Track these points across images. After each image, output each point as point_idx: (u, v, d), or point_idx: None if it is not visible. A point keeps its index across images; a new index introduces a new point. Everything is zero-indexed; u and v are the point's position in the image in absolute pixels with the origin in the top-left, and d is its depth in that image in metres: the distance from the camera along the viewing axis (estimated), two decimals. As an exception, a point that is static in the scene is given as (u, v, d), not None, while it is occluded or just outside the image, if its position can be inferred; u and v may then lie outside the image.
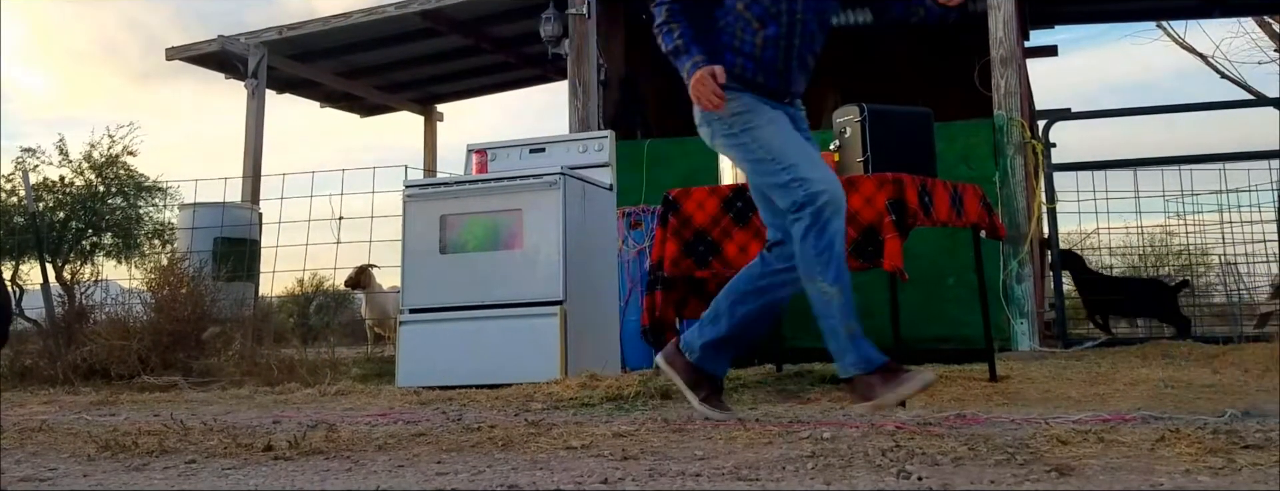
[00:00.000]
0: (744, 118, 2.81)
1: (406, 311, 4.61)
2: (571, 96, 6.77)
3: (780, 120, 2.85)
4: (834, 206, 2.68)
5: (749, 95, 2.84)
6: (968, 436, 2.23)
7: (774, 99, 2.89)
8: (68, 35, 42.08)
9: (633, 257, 5.14)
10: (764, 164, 2.78)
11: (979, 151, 5.69)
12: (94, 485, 2.01)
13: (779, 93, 2.90)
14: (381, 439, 2.51)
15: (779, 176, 2.73)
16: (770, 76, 2.87)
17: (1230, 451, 1.92)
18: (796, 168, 2.71)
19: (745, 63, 2.85)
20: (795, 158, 2.74)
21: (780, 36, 2.85)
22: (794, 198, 2.69)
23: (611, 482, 1.81)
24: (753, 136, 2.80)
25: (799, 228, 2.70)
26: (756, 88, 2.85)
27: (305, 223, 6.29)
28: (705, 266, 3.54)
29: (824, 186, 2.68)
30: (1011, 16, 5.83)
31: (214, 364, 5.02)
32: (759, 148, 2.79)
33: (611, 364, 4.57)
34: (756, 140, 2.79)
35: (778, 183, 2.74)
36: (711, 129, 2.89)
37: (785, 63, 2.88)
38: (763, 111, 2.83)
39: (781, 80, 2.89)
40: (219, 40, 7.76)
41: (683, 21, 2.88)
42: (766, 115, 2.82)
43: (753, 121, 2.81)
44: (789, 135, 2.82)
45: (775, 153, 2.76)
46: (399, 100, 9.79)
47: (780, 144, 2.77)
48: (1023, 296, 5.51)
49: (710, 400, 2.89)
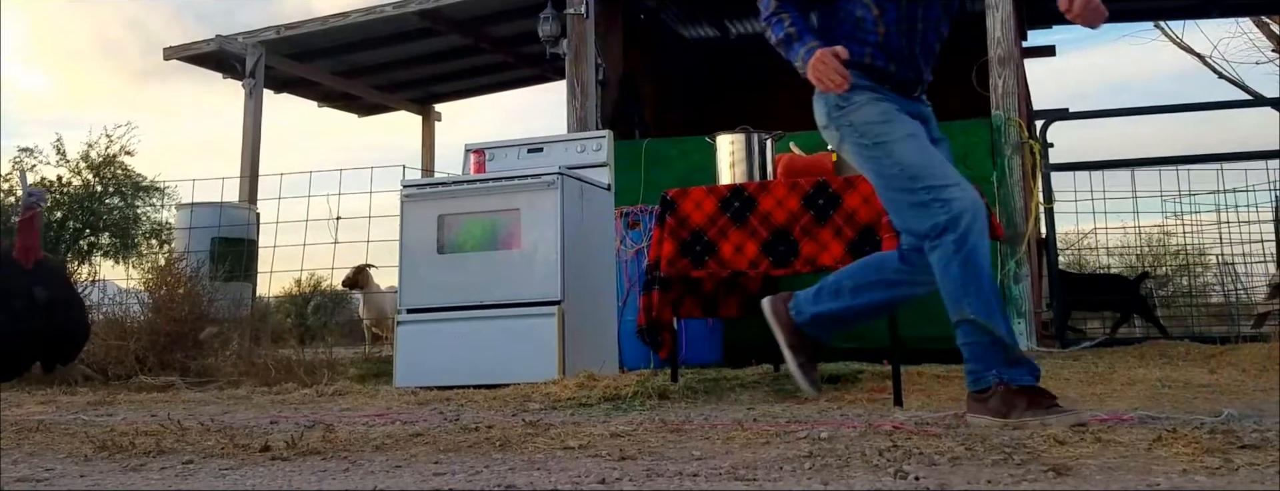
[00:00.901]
0: (879, 129, 2.64)
1: (404, 311, 4.61)
2: (569, 96, 6.77)
3: (917, 132, 2.66)
4: (979, 228, 2.52)
5: (886, 99, 2.67)
6: (965, 436, 2.23)
7: (906, 92, 2.74)
8: (66, 35, 42.04)
9: (631, 257, 5.14)
10: (898, 180, 2.60)
11: (977, 151, 5.69)
12: (91, 485, 2.01)
13: (911, 83, 2.74)
14: (379, 439, 2.51)
15: (917, 196, 2.56)
16: (901, 65, 2.70)
17: (1227, 451, 1.92)
18: (936, 188, 2.54)
19: (874, 53, 2.67)
20: (935, 176, 2.56)
21: (902, 18, 2.68)
22: (935, 221, 2.53)
23: (609, 482, 1.81)
24: (887, 151, 2.62)
25: (939, 255, 2.54)
26: (888, 78, 2.69)
27: (303, 222, 6.30)
28: (701, 266, 3.54)
29: (966, 205, 2.52)
30: (1009, 16, 5.83)
31: (211, 364, 5.02)
32: (893, 164, 2.61)
33: (609, 364, 4.57)
34: (891, 155, 2.61)
35: (914, 202, 2.57)
36: (840, 135, 2.72)
37: (911, 49, 2.71)
38: (899, 122, 2.65)
39: (912, 68, 2.72)
40: (217, 40, 7.75)
41: (793, 11, 2.69)
42: (903, 127, 2.64)
43: (888, 134, 2.62)
44: (926, 150, 2.63)
45: (913, 170, 2.57)
46: (397, 100, 9.79)
47: (918, 160, 2.59)
48: (1020, 296, 5.52)
49: (806, 367, 2.79)
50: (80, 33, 40.97)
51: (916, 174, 2.57)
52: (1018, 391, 2.52)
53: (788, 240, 3.36)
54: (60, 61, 40.50)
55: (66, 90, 41.23)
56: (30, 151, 8.89)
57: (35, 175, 8.69)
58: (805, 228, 3.34)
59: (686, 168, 5.81)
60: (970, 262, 2.51)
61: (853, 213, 3.27)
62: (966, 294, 2.53)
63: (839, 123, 2.71)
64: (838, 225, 3.28)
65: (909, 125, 2.66)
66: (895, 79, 2.70)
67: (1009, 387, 2.52)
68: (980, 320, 2.53)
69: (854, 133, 2.68)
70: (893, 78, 2.70)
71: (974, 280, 2.52)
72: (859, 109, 2.65)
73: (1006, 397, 2.51)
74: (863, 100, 2.66)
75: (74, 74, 41.34)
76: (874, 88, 2.69)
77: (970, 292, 2.52)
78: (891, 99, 2.70)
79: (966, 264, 2.51)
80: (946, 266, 2.54)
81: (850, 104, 2.68)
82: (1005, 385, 2.52)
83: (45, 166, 8.85)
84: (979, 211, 2.53)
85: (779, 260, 3.37)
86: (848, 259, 3.25)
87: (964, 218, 2.50)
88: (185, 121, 42.09)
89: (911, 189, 2.58)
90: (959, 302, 2.55)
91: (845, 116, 2.67)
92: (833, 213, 3.30)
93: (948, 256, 2.53)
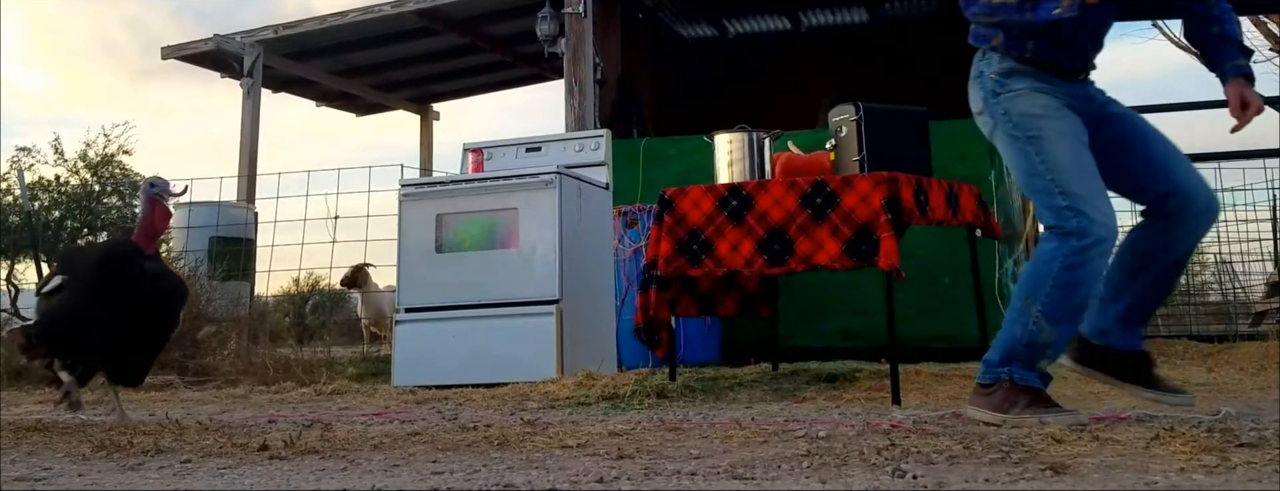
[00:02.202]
0: (1034, 123, 2.55)
1: (402, 310, 4.61)
2: (567, 95, 6.77)
3: (1073, 133, 2.55)
4: (1103, 249, 2.44)
5: (1046, 90, 2.58)
6: (963, 435, 2.23)
7: (1070, 77, 2.62)
8: (64, 34, 41.98)
9: (629, 256, 5.14)
10: (1040, 179, 2.52)
11: (975, 150, 5.69)
12: (89, 484, 2.01)
13: (1076, 71, 2.64)
14: (377, 438, 2.51)
15: (1055, 200, 2.48)
16: (1068, 54, 2.61)
17: (1225, 449, 1.92)
18: (1076, 197, 2.45)
19: (1038, 41, 2.57)
20: (1077, 186, 2.47)
21: None
22: (1064, 225, 2.46)
23: (607, 481, 1.81)
24: (1037, 147, 2.53)
25: (1052, 249, 2.47)
26: (1052, 66, 2.59)
27: (301, 222, 6.29)
28: (698, 265, 3.54)
29: (1101, 228, 2.43)
30: (1007, 15, 5.83)
31: (210, 363, 5.02)
32: (1040, 162, 2.52)
33: (608, 363, 4.57)
34: (1041, 152, 2.53)
35: (1052, 204, 2.49)
36: (993, 122, 2.63)
37: (1079, 35, 2.61)
38: (1056, 118, 2.56)
39: (1078, 57, 2.63)
40: (215, 39, 7.75)
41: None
42: (1059, 124, 2.55)
43: (1042, 129, 2.54)
44: (1077, 153, 2.53)
45: (1057, 173, 2.49)
46: (395, 99, 9.79)
47: (1065, 164, 2.50)
48: (1018, 295, 5.52)
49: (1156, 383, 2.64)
50: (78, 32, 40.92)
51: (1060, 178, 2.49)
52: (1022, 390, 2.51)
53: (783, 239, 3.36)
54: (57, 60, 40.45)
55: (64, 89, 41.18)
56: (28, 151, 8.86)
57: (33, 174, 8.67)
58: (801, 226, 3.34)
59: (684, 167, 5.81)
60: (1074, 274, 2.44)
61: (850, 212, 3.27)
62: (1050, 296, 2.47)
63: (994, 110, 2.62)
64: (835, 224, 3.28)
65: (1066, 122, 2.57)
66: (1060, 67, 2.60)
67: (1015, 385, 2.51)
68: (1040, 322, 2.48)
69: (1008, 122, 2.59)
70: (1057, 66, 2.60)
71: (1067, 290, 2.46)
72: (1016, 98, 2.58)
73: (1010, 394, 2.51)
74: (1022, 89, 2.58)
75: (72, 73, 41.31)
76: (1035, 74, 2.60)
77: (1055, 298, 2.46)
78: (1052, 86, 2.60)
79: (1070, 270, 2.44)
80: (1050, 260, 2.47)
81: (1008, 91, 2.61)
82: (1011, 382, 2.51)
83: (43, 166, 8.82)
84: (1110, 236, 2.46)
85: (774, 259, 3.37)
86: (844, 258, 3.25)
87: (1092, 232, 2.43)
88: (183, 121, 42.05)
89: (1050, 192, 2.50)
90: (1036, 296, 2.48)
91: (1001, 104, 2.60)
92: (830, 212, 3.30)
93: (1058, 255, 2.46)
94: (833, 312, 5.61)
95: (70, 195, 8.50)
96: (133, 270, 3.03)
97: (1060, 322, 2.49)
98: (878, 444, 2.11)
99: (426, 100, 10.06)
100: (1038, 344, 2.50)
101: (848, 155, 3.52)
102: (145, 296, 3.05)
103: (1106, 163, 2.58)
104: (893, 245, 3.15)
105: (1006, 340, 2.55)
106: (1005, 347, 2.55)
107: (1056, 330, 2.49)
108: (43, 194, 8.44)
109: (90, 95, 42.48)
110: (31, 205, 7.73)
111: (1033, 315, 2.49)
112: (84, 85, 42.14)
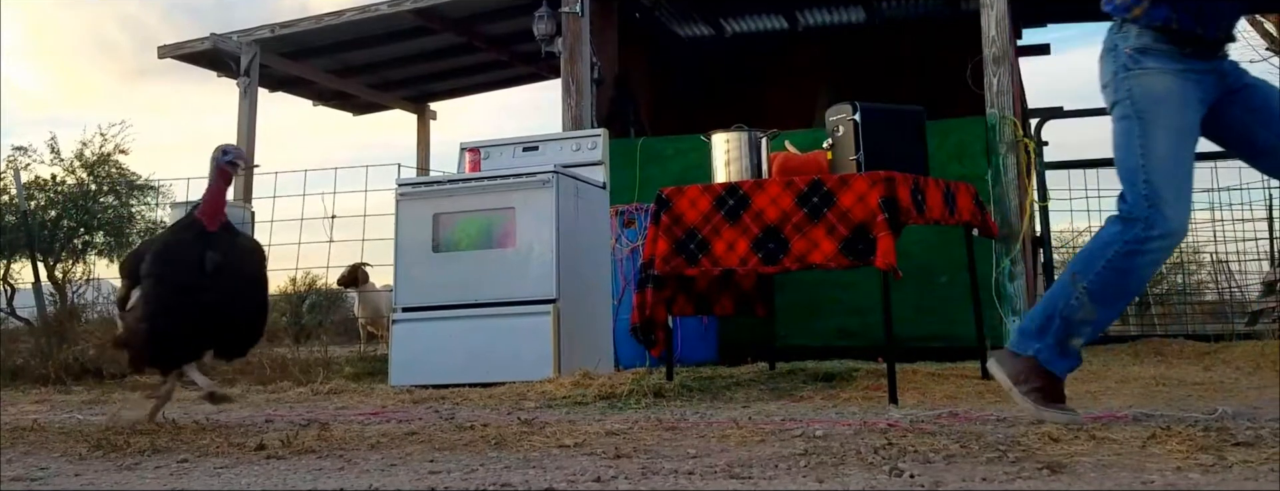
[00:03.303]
0: (1152, 106, 2.48)
1: (399, 310, 4.61)
2: (565, 94, 6.76)
3: (1185, 129, 2.50)
4: (1164, 246, 2.43)
5: (1180, 73, 2.49)
6: (960, 434, 2.23)
7: (1210, 54, 2.53)
8: (61, 33, 41.95)
9: (626, 256, 5.14)
10: (1132, 160, 2.48)
11: (971, 149, 5.70)
12: (85, 484, 2.01)
13: (1218, 44, 2.54)
14: (374, 437, 2.51)
15: (1136, 185, 2.45)
16: (1210, 25, 2.50)
17: (1221, 448, 1.92)
18: (1157, 191, 2.43)
19: (1181, 16, 2.48)
20: (1163, 182, 2.44)
21: None
22: (1137, 212, 2.44)
23: (604, 481, 1.81)
24: (1144, 130, 2.48)
25: (1115, 231, 2.46)
26: (1193, 41, 2.49)
27: (298, 221, 6.29)
28: (695, 264, 3.54)
29: (1171, 225, 2.41)
30: (1004, 15, 5.83)
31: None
32: (1140, 146, 2.47)
33: (605, 362, 4.57)
34: (1144, 136, 2.47)
35: (1130, 188, 2.47)
36: (1115, 97, 2.56)
37: (1224, 6, 2.52)
38: (1177, 109, 2.49)
39: (1221, 27, 2.53)
40: (211, 38, 7.73)
41: None
42: (1174, 116, 2.49)
43: (1156, 116, 2.48)
44: (1178, 153, 2.48)
45: (1150, 162, 2.45)
46: (392, 98, 9.78)
47: (1162, 157, 2.45)
48: (1015, 294, 5.52)
49: None
50: (75, 31, 40.84)
51: (1151, 168, 2.45)
52: (1043, 372, 2.51)
53: (778, 238, 3.36)
54: (54, 59, 40.39)
55: (61, 88, 41.12)
56: (24, 150, 8.86)
57: (29, 174, 8.67)
58: (797, 225, 3.34)
59: (682, 166, 5.81)
60: (1129, 261, 2.44)
61: (847, 211, 3.27)
62: (1100, 275, 2.46)
63: (1119, 85, 2.54)
64: (831, 223, 3.28)
65: (1183, 116, 2.51)
66: (1202, 41, 2.51)
67: (1039, 365, 2.51)
68: (1083, 298, 2.47)
69: (1129, 99, 2.52)
70: (1198, 40, 2.50)
71: (1117, 274, 2.46)
72: (1146, 76, 2.51)
73: (1029, 370, 2.51)
74: (1154, 68, 2.51)
75: (68, 72, 41.24)
76: (1173, 54, 2.51)
77: (1104, 278, 2.46)
78: (1185, 67, 2.51)
79: (1127, 257, 2.44)
80: (1110, 242, 2.47)
81: (1140, 68, 2.52)
82: (1037, 361, 2.52)
83: (39, 165, 8.82)
84: (1175, 236, 2.45)
85: (768, 257, 3.37)
86: (840, 257, 3.25)
87: (1159, 228, 2.41)
88: (180, 120, 42.04)
89: (1135, 177, 2.47)
90: (1086, 272, 2.48)
91: (1128, 81, 2.53)
92: (826, 211, 3.30)
93: (1119, 240, 2.45)
94: (830, 312, 5.62)
95: (66, 194, 8.51)
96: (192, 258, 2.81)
97: (1102, 304, 2.49)
98: (875, 443, 2.12)
99: (423, 99, 10.04)
100: (1075, 320, 2.50)
101: (845, 154, 3.52)
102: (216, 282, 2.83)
103: (1240, 135, 2.55)
104: (890, 244, 3.15)
105: (1046, 309, 2.54)
106: (1043, 316, 2.54)
107: (1097, 310, 2.49)
108: (39, 193, 8.45)
109: (86, 94, 42.45)
110: (27, 204, 7.73)
111: (1078, 290, 2.49)
112: (80, 84, 42.13)
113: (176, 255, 2.88)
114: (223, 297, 2.89)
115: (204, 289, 2.85)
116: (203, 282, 2.84)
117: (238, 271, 2.95)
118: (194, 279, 2.84)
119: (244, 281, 2.99)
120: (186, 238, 2.88)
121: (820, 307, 5.61)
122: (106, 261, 9.03)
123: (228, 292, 2.91)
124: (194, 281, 2.84)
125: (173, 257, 2.88)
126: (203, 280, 2.84)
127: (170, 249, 2.92)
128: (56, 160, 8.84)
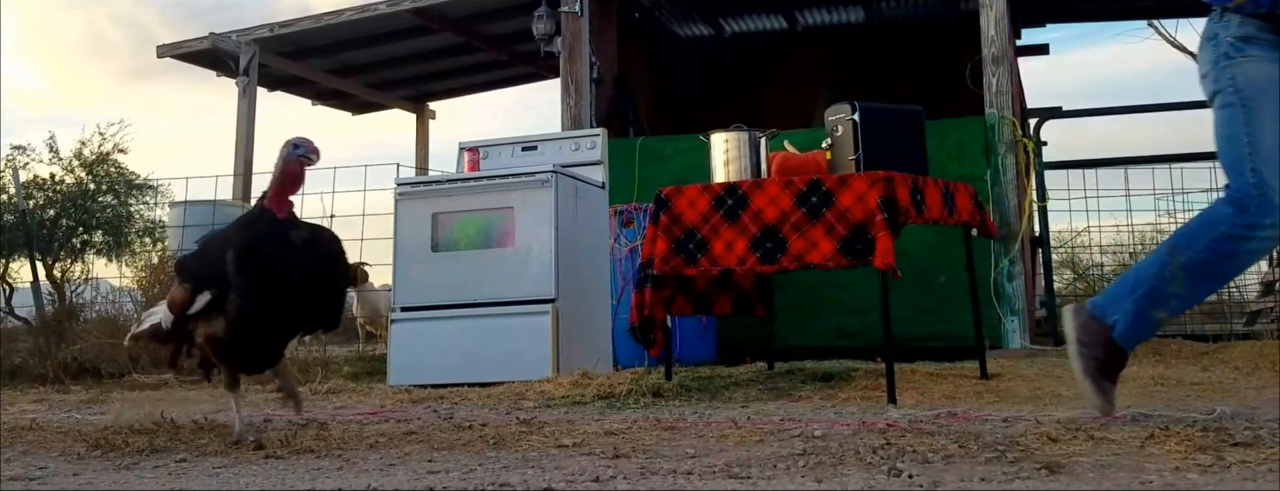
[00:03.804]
0: (1257, 94, 2.43)
1: (398, 309, 4.61)
2: (564, 94, 6.76)
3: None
4: (1265, 236, 2.39)
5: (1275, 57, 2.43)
6: (958, 434, 2.23)
7: None
8: (59, 32, 41.94)
9: (625, 255, 5.14)
10: (1238, 149, 2.42)
11: (970, 149, 5.70)
12: (84, 484, 2.01)
13: None
14: (373, 437, 2.51)
15: (1243, 175, 2.41)
16: None
17: (1220, 448, 1.93)
18: (1264, 179, 2.38)
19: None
20: (1270, 171, 2.38)
21: None
22: (1243, 198, 2.40)
23: (603, 481, 1.81)
24: (1249, 118, 2.43)
25: (1217, 215, 2.43)
26: None
27: (297, 220, 6.26)
28: (693, 264, 3.54)
29: (1275, 215, 2.36)
30: (1003, 15, 5.84)
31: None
32: (1245, 134, 2.42)
33: (603, 362, 4.57)
34: (1249, 124, 2.42)
35: (1238, 174, 2.42)
36: (1216, 87, 2.51)
37: None
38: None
39: None
40: (210, 38, 7.73)
41: None
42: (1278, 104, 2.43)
43: (1262, 104, 2.42)
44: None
45: (1257, 151, 2.40)
46: (391, 98, 9.78)
47: (1270, 146, 2.40)
48: (1014, 294, 5.53)
49: None
50: (73, 30, 40.84)
51: (1259, 157, 2.41)
52: (1110, 344, 2.52)
53: (776, 237, 3.36)
54: (53, 59, 40.39)
55: (60, 87, 41.12)
56: (23, 149, 8.85)
57: (28, 173, 8.65)
58: (796, 225, 3.34)
59: (681, 166, 5.82)
60: (1233, 245, 2.41)
61: (846, 211, 3.27)
62: (1201, 252, 2.43)
63: (1221, 74, 2.49)
64: (830, 223, 3.28)
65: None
66: None
67: (1110, 336, 2.52)
68: (1178, 272, 2.45)
69: (1232, 88, 2.47)
70: None
71: (1218, 256, 2.43)
72: (1247, 64, 2.46)
73: (1100, 337, 2.52)
74: (1257, 55, 2.46)
75: (67, 71, 41.23)
76: (1277, 43, 2.45)
77: (1204, 256, 2.43)
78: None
79: (1232, 240, 2.41)
80: (1218, 222, 2.43)
81: (1242, 56, 2.47)
82: (1110, 332, 2.52)
83: (38, 164, 8.81)
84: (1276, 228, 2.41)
85: (766, 257, 3.37)
86: (839, 257, 3.25)
87: (1270, 217, 2.37)
88: (179, 119, 42.01)
89: (1242, 167, 2.42)
90: (1187, 247, 2.45)
91: (1229, 69, 2.49)
92: (825, 210, 3.30)
93: (1228, 221, 2.42)
94: (829, 312, 5.62)
95: (65, 193, 8.49)
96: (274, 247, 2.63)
97: (1194, 281, 2.46)
98: (873, 443, 2.12)
99: (422, 99, 10.04)
100: (1164, 293, 2.48)
101: (844, 154, 3.52)
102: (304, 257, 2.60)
103: None
104: (889, 244, 3.15)
105: (1136, 276, 2.52)
106: (1132, 281, 2.53)
107: (1187, 286, 2.46)
108: (37, 192, 8.43)
109: (85, 93, 42.43)
110: (26, 203, 7.72)
111: (1175, 264, 2.46)
112: (79, 83, 42.10)
113: (260, 248, 2.68)
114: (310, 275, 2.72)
115: (293, 266, 2.68)
116: (292, 261, 2.68)
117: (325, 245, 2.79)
118: (283, 267, 2.67)
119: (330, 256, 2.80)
120: (262, 230, 2.69)
121: (819, 307, 5.61)
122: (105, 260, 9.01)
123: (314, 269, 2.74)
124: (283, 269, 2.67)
125: (259, 250, 2.67)
126: (292, 259, 2.67)
127: (250, 246, 2.69)
128: (55, 159, 8.83)
